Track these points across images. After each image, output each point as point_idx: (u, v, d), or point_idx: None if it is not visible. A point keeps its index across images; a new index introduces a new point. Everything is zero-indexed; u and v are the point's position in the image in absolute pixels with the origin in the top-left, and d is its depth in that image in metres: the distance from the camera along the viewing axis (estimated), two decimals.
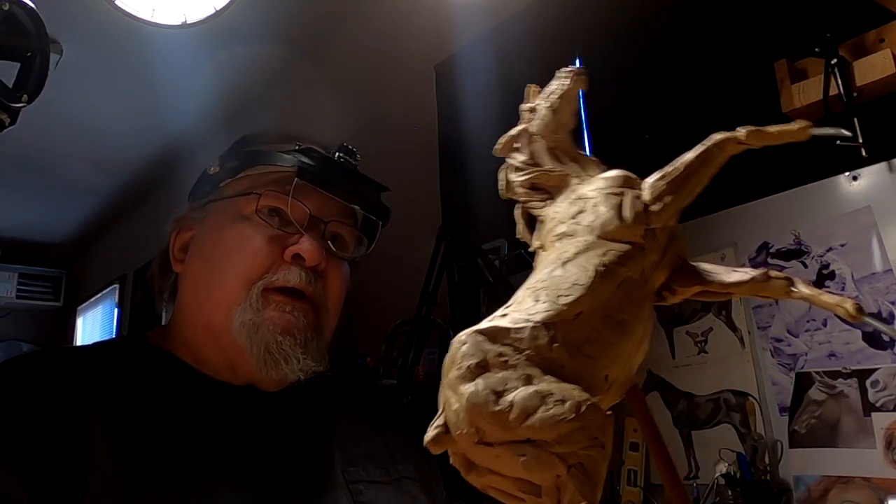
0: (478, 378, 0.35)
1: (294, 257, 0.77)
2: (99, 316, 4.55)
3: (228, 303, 0.76)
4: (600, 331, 0.39)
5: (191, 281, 0.82)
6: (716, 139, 0.45)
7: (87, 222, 4.39)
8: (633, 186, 0.45)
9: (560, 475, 0.33)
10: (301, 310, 0.77)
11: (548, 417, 0.33)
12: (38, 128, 2.75)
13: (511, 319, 0.38)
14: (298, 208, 0.79)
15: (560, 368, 0.37)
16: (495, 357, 0.36)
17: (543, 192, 0.50)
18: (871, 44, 1.17)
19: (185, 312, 0.82)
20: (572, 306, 0.39)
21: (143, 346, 0.82)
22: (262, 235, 0.78)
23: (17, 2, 0.63)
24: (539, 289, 0.40)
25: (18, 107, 0.65)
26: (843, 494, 1.13)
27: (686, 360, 1.40)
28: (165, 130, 2.98)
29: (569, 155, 0.50)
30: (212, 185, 0.85)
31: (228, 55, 2.36)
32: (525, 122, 0.52)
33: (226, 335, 0.76)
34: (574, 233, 0.44)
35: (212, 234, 0.81)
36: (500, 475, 0.36)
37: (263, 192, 0.79)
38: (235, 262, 0.77)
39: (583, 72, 0.49)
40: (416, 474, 0.83)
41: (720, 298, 0.46)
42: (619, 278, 0.41)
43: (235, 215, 0.80)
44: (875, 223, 1.16)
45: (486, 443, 0.35)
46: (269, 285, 0.76)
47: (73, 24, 2.19)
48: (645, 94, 1.58)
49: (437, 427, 0.37)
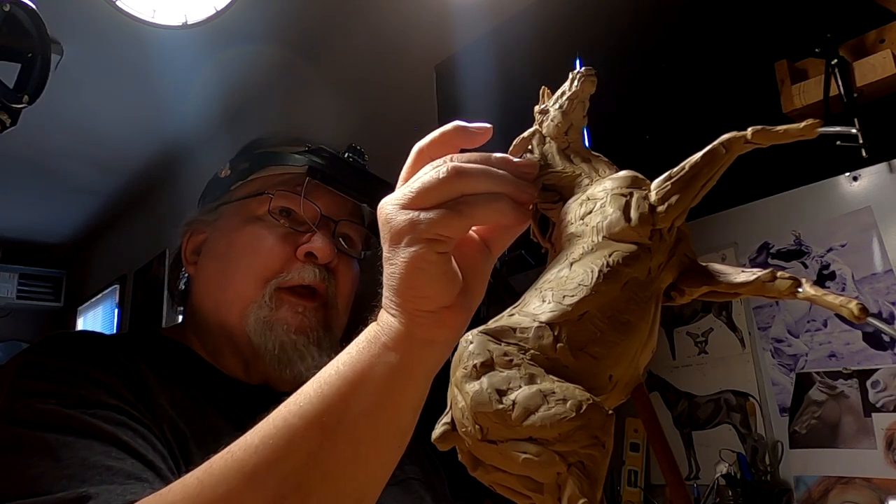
0: (482, 377, 0.36)
1: (307, 255, 0.79)
2: (99, 316, 4.55)
3: (243, 301, 0.77)
4: (605, 331, 0.39)
5: (204, 281, 0.83)
6: (722, 138, 0.45)
7: (87, 222, 4.38)
8: (641, 187, 0.45)
9: (560, 473, 0.34)
10: (312, 309, 0.79)
11: (549, 416, 0.34)
12: (39, 128, 2.75)
13: (517, 319, 0.39)
14: (310, 208, 0.80)
15: (564, 368, 0.37)
16: (500, 356, 0.36)
17: (555, 193, 0.50)
18: (871, 44, 1.17)
19: (199, 313, 0.83)
20: (577, 306, 0.39)
21: (163, 339, 0.83)
22: (275, 235, 0.79)
23: (18, 3, 0.63)
24: (546, 289, 0.41)
25: (19, 107, 0.65)
26: (844, 495, 1.13)
27: (686, 360, 1.40)
28: (165, 130, 2.97)
29: (580, 156, 0.51)
30: (223, 188, 0.87)
31: (229, 56, 2.36)
32: (537, 124, 0.52)
33: (240, 334, 0.77)
34: (582, 234, 0.44)
35: (225, 235, 0.83)
36: (504, 472, 0.36)
37: (275, 192, 0.80)
38: (249, 261, 0.79)
39: (593, 73, 0.50)
40: (421, 475, 0.83)
41: (727, 298, 0.46)
42: (624, 279, 0.41)
43: (248, 216, 0.81)
44: (875, 223, 1.16)
45: (491, 440, 0.35)
46: (283, 284, 0.78)
47: (73, 24, 2.19)
48: (645, 94, 1.58)
49: (444, 424, 0.38)
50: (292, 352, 0.76)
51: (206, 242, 0.85)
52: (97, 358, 0.68)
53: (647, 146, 1.51)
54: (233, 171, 0.87)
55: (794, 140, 0.45)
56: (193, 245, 0.86)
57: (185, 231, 0.88)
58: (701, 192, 0.45)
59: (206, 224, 0.86)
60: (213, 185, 0.90)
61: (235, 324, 0.77)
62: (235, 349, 0.79)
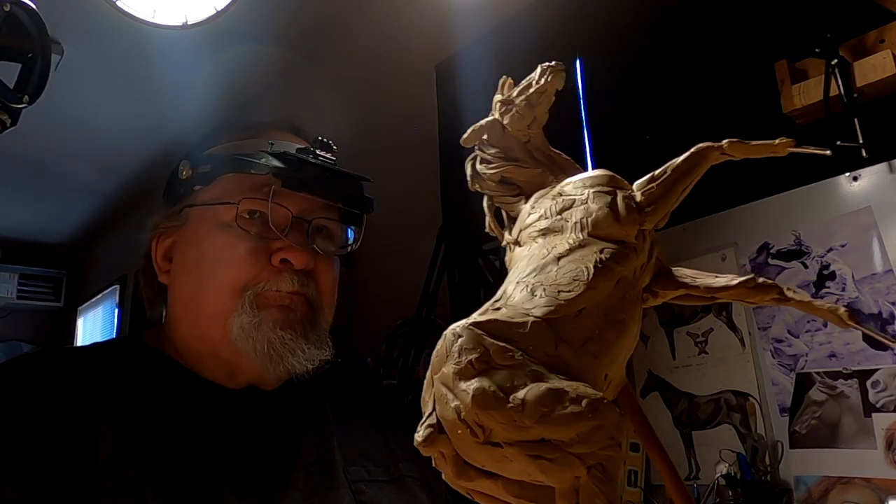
0: (481, 374, 0.33)
1: (282, 262, 0.75)
2: (99, 316, 4.55)
3: (223, 315, 0.74)
4: (602, 329, 0.37)
5: (180, 295, 0.81)
6: (700, 147, 0.45)
7: (87, 222, 4.38)
8: (621, 186, 0.45)
9: (580, 476, 0.31)
10: (298, 301, 0.77)
11: (565, 416, 0.31)
12: (39, 128, 2.75)
13: (508, 313, 0.36)
14: (280, 211, 0.77)
15: (566, 367, 0.35)
16: (498, 352, 0.33)
17: (514, 187, 0.49)
18: (871, 44, 1.17)
19: (179, 325, 0.81)
20: (574, 302, 0.37)
21: (142, 348, 0.81)
22: (246, 244, 0.76)
23: (19, 3, 0.63)
24: (533, 283, 0.38)
25: (20, 107, 0.65)
26: (844, 495, 1.13)
27: (686, 360, 1.40)
28: (165, 130, 2.97)
29: (541, 151, 0.49)
30: (185, 188, 0.82)
31: (229, 56, 2.36)
32: (498, 114, 0.50)
33: (224, 345, 0.75)
34: (561, 229, 0.43)
35: (194, 244, 0.79)
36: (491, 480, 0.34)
37: (241, 199, 0.76)
38: (222, 273, 0.76)
39: (562, 68, 0.48)
40: (417, 473, 0.83)
41: (704, 302, 0.45)
42: (616, 276, 0.40)
43: (216, 223, 0.78)
44: (875, 223, 1.16)
45: (493, 443, 0.32)
46: (261, 292, 0.75)
47: (73, 24, 2.19)
48: (645, 94, 1.58)
49: (428, 426, 0.34)
50: (282, 348, 0.74)
51: (175, 249, 0.82)
52: (8, 419, 0.65)
53: (647, 146, 1.51)
54: (194, 172, 0.81)
55: (766, 156, 0.46)
56: (163, 250, 0.82)
57: (152, 235, 0.83)
58: (681, 197, 0.45)
59: (174, 228, 0.82)
60: (174, 184, 0.84)
61: (219, 337, 0.75)
62: (219, 359, 0.77)
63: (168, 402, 0.74)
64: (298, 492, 0.72)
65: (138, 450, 0.67)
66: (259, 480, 0.71)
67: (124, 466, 0.65)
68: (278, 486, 0.72)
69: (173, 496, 0.65)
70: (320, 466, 0.76)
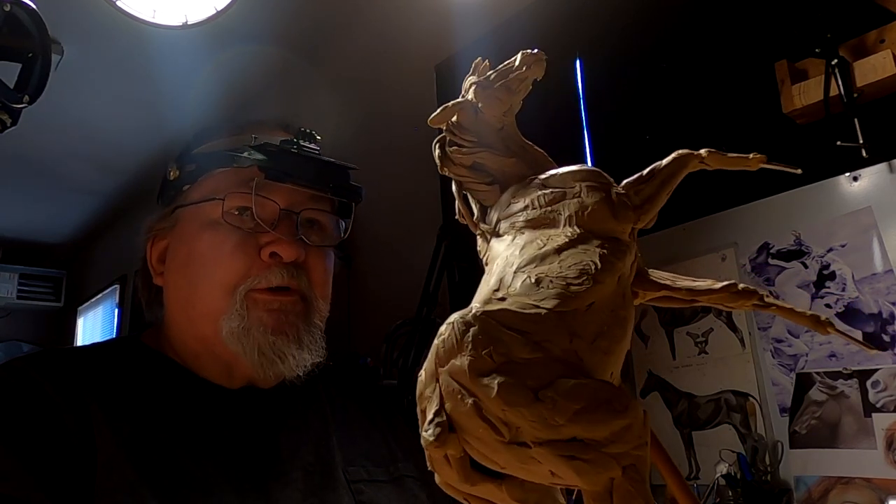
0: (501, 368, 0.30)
1: (271, 255, 0.75)
2: (100, 316, 4.56)
3: (215, 314, 0.75)
4: (609, 325, 0.36)
5: (174, 296, 0.81)
6: (681, 153, 0.45)
7: (87, 222, 4.39)
8: (610, 183, 0.44)
9: (615, 478, 0.30)
10: (289, 303, 0.76)
11: (600, 414, 0.29)
12: (39, 128, 2.75)
13: (517, 304, 0.34)
14: (267, 205, 0.76)
15: (579, 362, 0.32)
16: (518, 345, 0.31)
17: (486, 175, 0.47)
18: (871, 44, 1.17)
19: (175, 325, 0.81)
20: (584, 297, 0.35)
21: (141, 348, 0.82)
22: (234, 239, 0.76)
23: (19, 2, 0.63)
24: (537, 274, 0.36)
25: (19, 107, 0.65)
26: (844, 495, 1.13)
27: (686, 360, 1.40)
28: (165, 130, 2.97)
29: (515, 140, 0.47)
30: (175, 189, 0.82)
31: (229, 56, 2.36)
32: (470, 95, 0.48)
33: (218, 344, 0.75)
34: (553, 222, 0.41)
35: (185, 244, 0.79)
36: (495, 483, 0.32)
37: (227, 195, 0.76)
38: (213, 271, 0.76)
39: (543, 57, 0.46)
40: (416, 472, 0.82)
41: (684, 305, 0.44)
42: (617, 273, 0.39)
43: (204, 221, 0.78)
44: (875, 224, 1.16)
45: (520, 443, 0.30)
46: (253, 287, 0.75)
47: (73, 24, 2.19)
48: (645, 94, 1.58)
49: (437, 424, 0.31)
50: (272, 354, 0.74)
51: (169, 250, 0.82)
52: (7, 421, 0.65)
53: (648, 146, 1.51)
54: (181, 172, 0.82)
55: (740, 169, 0.47)
56: (157, 253, 0.83)
57: (146, 239, 0.84)
58: (665, 199, 0.45)
59: (167, 230, 0.82)
60: (165, 187, 0.85)
61: (212, 335, 0.75)
62: (216, 358, 0.77)
63: (167, 403, 0.74)
64: (297, 492, 0.72)
65: (138, 450, 0.68)
66: (258, 480, 0.71)
67: (124, 467, 0.66)
68: (277, 486, 0.72)
69: (173, 496, 0.66)
70: (319, 466, 0.76)
